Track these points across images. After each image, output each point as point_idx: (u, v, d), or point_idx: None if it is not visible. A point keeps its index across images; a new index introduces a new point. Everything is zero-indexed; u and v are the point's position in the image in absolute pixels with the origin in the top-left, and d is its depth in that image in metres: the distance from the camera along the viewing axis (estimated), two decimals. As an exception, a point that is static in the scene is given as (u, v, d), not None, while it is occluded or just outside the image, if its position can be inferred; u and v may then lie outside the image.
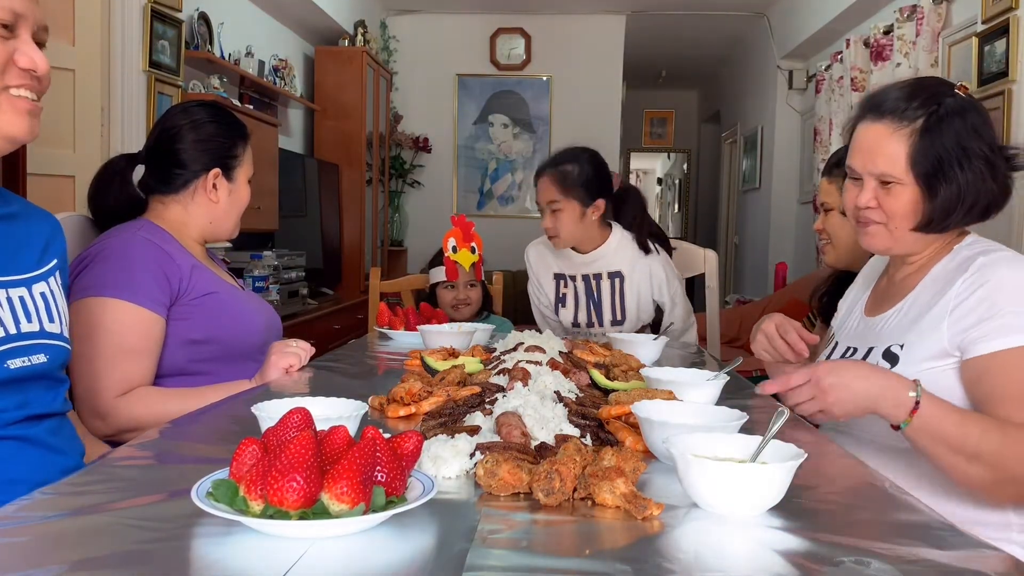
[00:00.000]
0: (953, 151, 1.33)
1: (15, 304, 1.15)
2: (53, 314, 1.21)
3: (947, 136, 1.34)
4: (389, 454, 0.76)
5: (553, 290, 2.60)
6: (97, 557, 0.69)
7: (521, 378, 1.29)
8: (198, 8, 3.88)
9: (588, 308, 2.54)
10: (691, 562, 0.71)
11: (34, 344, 1.16)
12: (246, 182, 1.82)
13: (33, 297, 1.18)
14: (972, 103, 1.37)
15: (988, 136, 1.35)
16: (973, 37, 3.72)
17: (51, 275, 1.25)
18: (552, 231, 2.43)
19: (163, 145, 1.74)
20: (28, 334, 1.15)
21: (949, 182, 1.34)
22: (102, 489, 0.87)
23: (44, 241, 1.27)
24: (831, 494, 0.92)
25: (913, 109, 1.36)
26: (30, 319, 1.16)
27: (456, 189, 7.18)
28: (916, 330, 1.38)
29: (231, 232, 1.82)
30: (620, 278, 2.50)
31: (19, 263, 1.19)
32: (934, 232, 1.39)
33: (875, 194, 1.39)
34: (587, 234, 2.47)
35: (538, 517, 0.81)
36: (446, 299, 2.73)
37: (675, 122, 10.55)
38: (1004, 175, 1.36)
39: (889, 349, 1.40)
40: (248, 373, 1.64)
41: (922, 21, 4.19)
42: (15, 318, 1.14)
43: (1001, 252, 1.36)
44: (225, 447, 1.01)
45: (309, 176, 5.07)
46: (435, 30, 7.00)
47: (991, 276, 1.31)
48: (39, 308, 1.19)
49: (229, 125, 1.79)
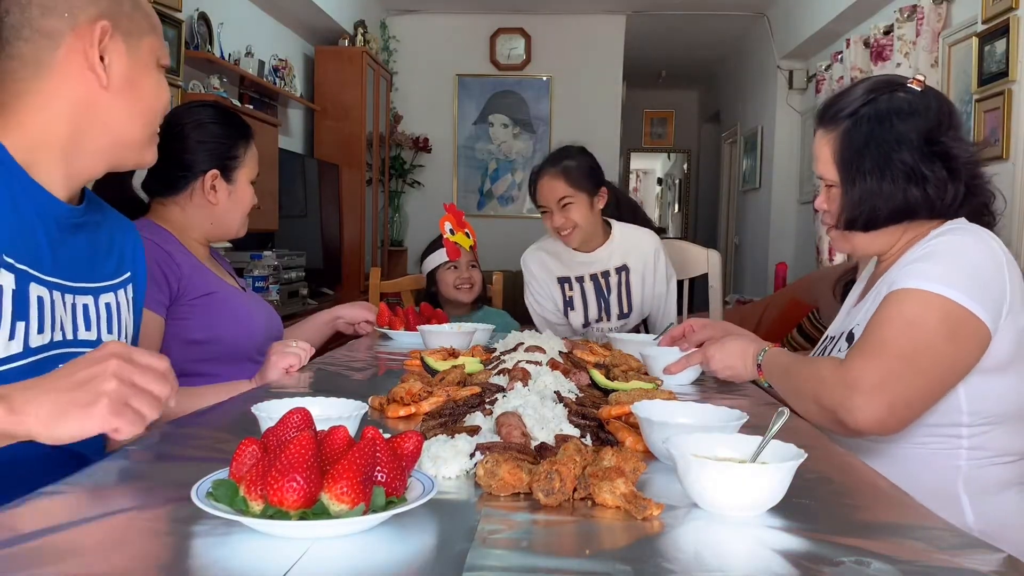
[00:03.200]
0: (867, 152, 1.37)
1: (77, 311, 1.15)
2: (113, 326, 1.21)
3: (863, 137, 1.38)
4: (389, 454, 0.76)
5: (559, 294, 2.60)
6: (97, 557, 0.69)
7: (521, 378, 1.29)
8: (198, 8, 3.88)
9: (598, 305, 2.57)
10: (691, 562, 0.71)
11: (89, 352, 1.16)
12: (248, 183, 1.80)
13: (97, 307, 1.18)
14: (909, 103, 1.38)
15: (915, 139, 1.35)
16: (973, 37, 3.72)
17: (122, 287, 1.25)
18: (565, 227, 2.44)
19: (161, 146, 1.74)
20: (84, 342, 1.15)
21: (862, 181, 1.38)
22: (102, 489, 0.87)
23: (121, 252, 1.27)
24: (831, 494, 0.92)
25: (842, 112, 1.42)
26: (89, 327, 1.16)
27: (456, 189, 7.18)
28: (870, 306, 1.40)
29: (236, 232, 1.81)
30: (626, 271, 2.54)
31: (94, 272, 1.19)
32: (864, 230, 1.42)
33: (824, 197, 1.48)
34: (596, 226, 2.51)
35: (538, 517, 0.81)
36: (449, 281, 2.71)
37: (675, 122, 10.55)
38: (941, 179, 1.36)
39: (851, 331, 1.43)
40: (248, 374, 1.64)
41: (922, 21, 4.19)
42: (75, 325, 1.14)
43: (962, 227, 1.36)
44: (225, 447, 1.01)
45: (309, 176, 5.07)
46: (435, 30, 7.00)
47: (934, 241, 1.34)
48: (101, 318, 1.18)
49: (230, 125, 1.77)
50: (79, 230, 1.18)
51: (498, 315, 2.86)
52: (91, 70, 1.10)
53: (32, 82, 1.08)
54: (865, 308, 1.43)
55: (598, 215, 2.50)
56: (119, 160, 1.20)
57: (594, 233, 2.51)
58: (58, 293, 1.11)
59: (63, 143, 1.11)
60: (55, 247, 1.11)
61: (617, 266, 2.54)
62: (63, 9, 1.08)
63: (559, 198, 2.42)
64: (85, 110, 1.11)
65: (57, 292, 1.11)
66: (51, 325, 1.09)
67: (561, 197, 2.42)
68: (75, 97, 1.10)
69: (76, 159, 1.13)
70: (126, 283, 1.27)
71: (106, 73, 1.11)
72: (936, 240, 1.33)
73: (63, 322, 1.12)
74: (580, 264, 2.55)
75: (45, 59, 1.08)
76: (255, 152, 1.83)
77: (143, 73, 1.17)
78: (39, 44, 1.08)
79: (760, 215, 7.23)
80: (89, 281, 1.18)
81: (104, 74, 1.11)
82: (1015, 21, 3.40)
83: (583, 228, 2.44)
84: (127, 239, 1.31)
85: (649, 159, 12.44)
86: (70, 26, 1.08)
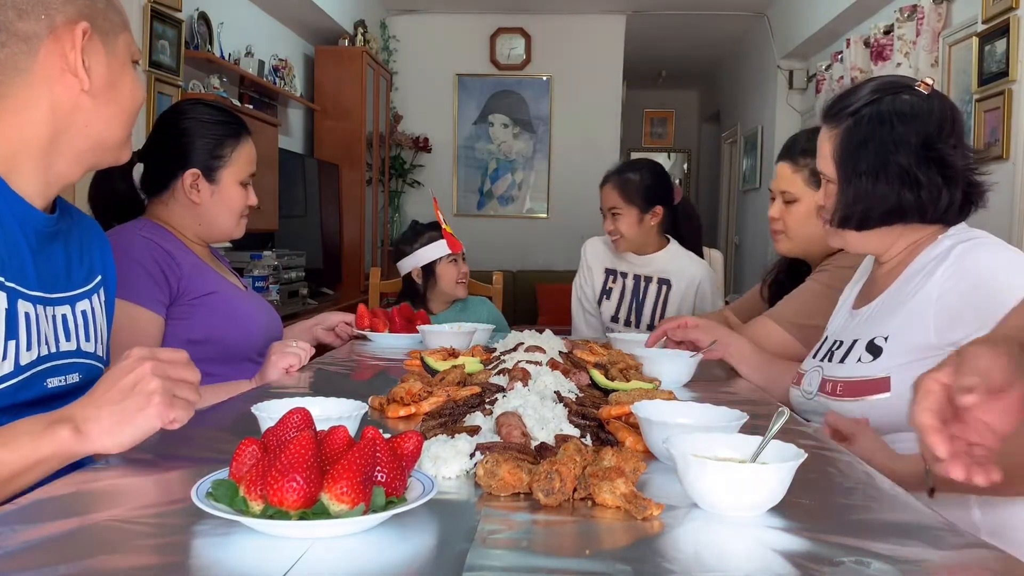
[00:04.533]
0: (865, 151, 1.38)
1: (57, 323, 1.13)
2: (90, 333, 1.20)
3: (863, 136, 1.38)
4: (389, 454, 0.76)
5: (601, 282, 2.73)
6: (97, 558, 0.69)
7: (521, 378, 1.29)
8: (198, 8, 3.88)
9: (631, 306, 2.67)
10: (691, 562, 0.71)
11: (70, 363, 1.15)
12: (235, 183, 1.74)
13: (75, 315, 1.17)
14: (912, 106, 1.37)
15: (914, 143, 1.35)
16: (973, 37, 3.72)
17: (95, 292, 1.23)
18: (613, 234, 2.60)
19: (150, 143, 1.74)
20: (65, 353, 1.14)
21: (857, 181, 1.39)
22: (102, 489, 0.87)
23: (92, 256, 1.26)
24: (831, 494, 0.92)
25: (846, 110, 1.42)
26: (69, 338, 1.15)
27: (456, 189, 7.18)
28: (899, 320, 1.38)
29: (228, 233, 1.77)
30: (668, 286, 2.62)
31: (70, 280, 1.18)
32: (858, 229, 1.42)
33: (824, 192, 1.48)
34: (646, 239, 2.62)
35: (538, 517, 0.81)
36: (453, 275, 2.66)
37: (675, 122, 10.55)
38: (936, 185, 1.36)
39: (873, 341, 1.41)
40: (248, 374, 1.64)
41: (922, 21, 4.19)
42: (56, 337, 1.13)
43: (979, 239, 1.36)
44: (225, 447, 1.01)
45: (309, 176, 5.07)
46: (435, 30, 7.00)
47: (972, 266, 1.32)
48: (79, 326, 1.18)
49: (217, 124, 1.73)
50: (55, 239, 1.15)
51: (480, 303, 2.81)
52: (72, 73, 1.06)
53: (9, 88, 1.04)
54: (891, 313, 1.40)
55: (649, 230, 2.60)
56: (97, 162, 1.17)
57: (644, 244, 2.63)
58: (41, 307, 1.09)
59: (42, 150, 1.08)
60: (36, 259, 1.10)
61: (661, 277, 2.63)
62: (39, 11, 1.03)
63: (610, 207, 2.58)
64: (66, 115, 1.08)
65: (40, 306, 1.09)
66: (37, 341, 1.07)
67: (612, 206, 2.57)
68: (55, 102, 1.06)
69: (55, 165, 1.10)
70: (98, 287, 1.25)
71: (88, 76, 1.07)
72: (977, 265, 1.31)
73: (47, 336, 1.10)
74: (629, 262, 2.67)
75: (23, 64, 1.04)
76: (247, 152, 1.77)
77: (121, 72, 1.13)
78: (16, 49, 1.04)
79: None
80: (66, 290, 1.16)
81: (87, 77, 1.07)
82: (1015, 21, 3.40)
83: (628, 239, 2.59)
84: (95, 241, 1.28)
85: (649, 159, 12.42)
86: (48, 29, 1.04)
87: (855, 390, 1.39)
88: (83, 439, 0.91)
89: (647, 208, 2.56)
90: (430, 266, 2.66)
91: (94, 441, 0.92)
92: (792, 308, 1.85)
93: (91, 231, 1.29)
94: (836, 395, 1.41)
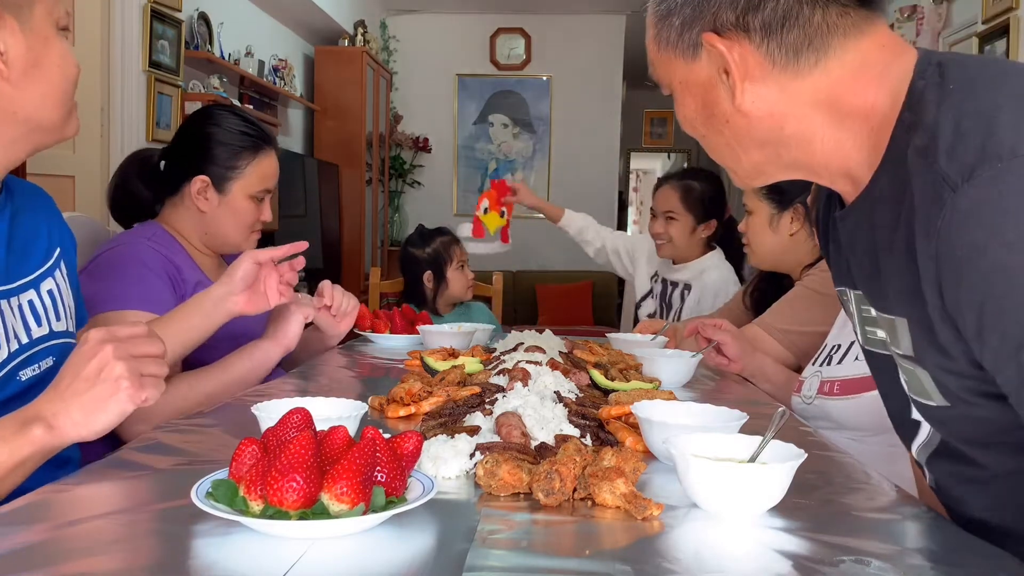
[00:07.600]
0: None
1: (25, 310, 1.10)
2: (60, 311, 1.16)
3: None
4: (389, 454, 0.76)
5: (647, 282, 2.76)
6: (97, 558, 0.69)
7: (521, 378, 1.29)
8: (198, 8, 3.88)
9: (660, 309, 2.69)
10: (691, 562, 0.71)
11: (43, 348, 1.12)
12: (246, 197, 1.70)
13: (41, 297, 1.13)
14: None
15: None
16: (973, 37, 3.72)
17: (57, 267, 1.18)
18: (661, 237, 2.57)
19: (173, 142, 1.74)
20: (38, 339, 1.11)
21: None
22: (102, 489, 0.87)
23: (48, 228, 1.20)
24: (831, 494, 0.92)
25: None
26: (39, 322, 1.12)
27: (456, 189, 7.18)
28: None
29: (236, 246, 1.71)
30: (688, 290, 2.61)
31: (28, 263, 1.13)
32: None
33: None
34: (692, 250, 2.60)
35: (538, 517, 0.81)
36: (464, 282, 2.78)
37: (675, 122, 10.51)
38: None
39: None
40: None
41: (922, 21, 4.19)
42: (26, 325, 1.09)
43: None
44: (225, 447, 1.01)
45: (309, 176, 5.07)
46: (435, 30, 7.00)
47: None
48: (47, 308, 1.14)
49: (239, 135, 1.69)
50: (5, 221, 1.10)
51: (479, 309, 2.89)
52: None
53: None
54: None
55: (698, 242, 2.58)
56: (38, 145, 1.09)
57: (687, 254, 2.61)
58: (4, 301, 1.06)
59: None
60: None
61: (686, 283, 2.62)
62: None
63: (667, 209, 2.55)
64: None
65: (3, 300, 1.06)
66: (5, 338, 1.05)
67: (669, 210, 2.55)
68: None
69: None
70: (59, 261, 1.19)
71: (4, 63, 0.97)
72: None
73: (14, 329, 1.07)
74: (666, 267, 2.68)
75: None
76: (265, 167, 1.72)
77: (44, 47, 1.02)
78: None
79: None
80: (27, 274, 1.12)
81: (3, 64, 0.97)
82: (1015, 21, 3.40)
83: (675, 245, 2.57)
84: (43, 211, 1.21)
85: (649, 159, 12.43)
86: None
87: (851, 388, 1.39)
88: (57, 434, 0.89)
89: (703, 219, 2.54)
90: (441, 271, 2.77)
91: (68, 433, 0.90)
92: (781, 315, 1.85)
93: (36, 199, 1.21)
94: (833, 394, 1.42)
